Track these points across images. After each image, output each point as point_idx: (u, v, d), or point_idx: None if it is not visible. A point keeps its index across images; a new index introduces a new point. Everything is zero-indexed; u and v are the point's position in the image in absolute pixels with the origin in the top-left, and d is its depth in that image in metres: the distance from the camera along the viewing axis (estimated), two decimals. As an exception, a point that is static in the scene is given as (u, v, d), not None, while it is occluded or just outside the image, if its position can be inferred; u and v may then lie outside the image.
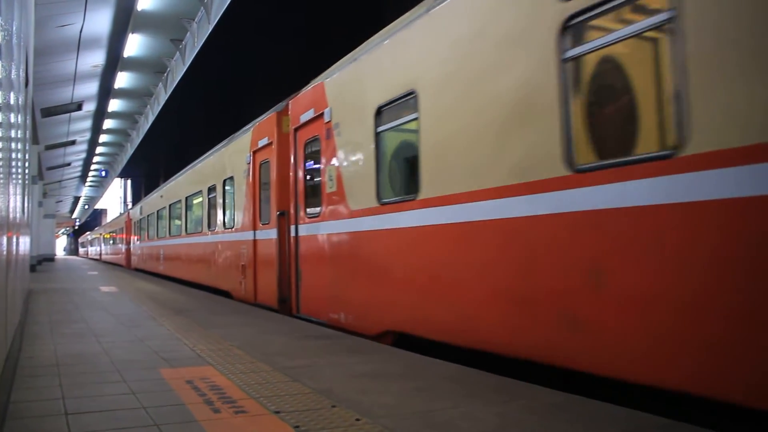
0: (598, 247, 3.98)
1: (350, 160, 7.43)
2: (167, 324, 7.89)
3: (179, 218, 19.12)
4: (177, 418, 3.53)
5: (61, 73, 21.24)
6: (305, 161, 8.94)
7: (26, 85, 7.84)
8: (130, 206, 58.25)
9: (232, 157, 12.81)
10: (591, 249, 4.03)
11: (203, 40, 20.70)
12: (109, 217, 74.52)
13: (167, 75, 26.77)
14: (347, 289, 7.38)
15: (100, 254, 55.58)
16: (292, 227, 9.18)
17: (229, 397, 4.01)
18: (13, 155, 5.15)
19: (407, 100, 6.22)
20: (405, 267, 6.23)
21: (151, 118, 32.15)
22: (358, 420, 3.46)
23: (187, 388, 4.30)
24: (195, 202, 16.98)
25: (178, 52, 23.99)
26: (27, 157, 8.60)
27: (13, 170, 5.16)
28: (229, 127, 15.11)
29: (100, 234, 57.40)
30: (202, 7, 20.14)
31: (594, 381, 4.06)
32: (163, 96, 28.35)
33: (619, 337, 3.81)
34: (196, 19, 21.04)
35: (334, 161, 7.72)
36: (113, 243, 43.62)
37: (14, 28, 4.79)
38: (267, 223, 10.32)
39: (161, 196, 22.22)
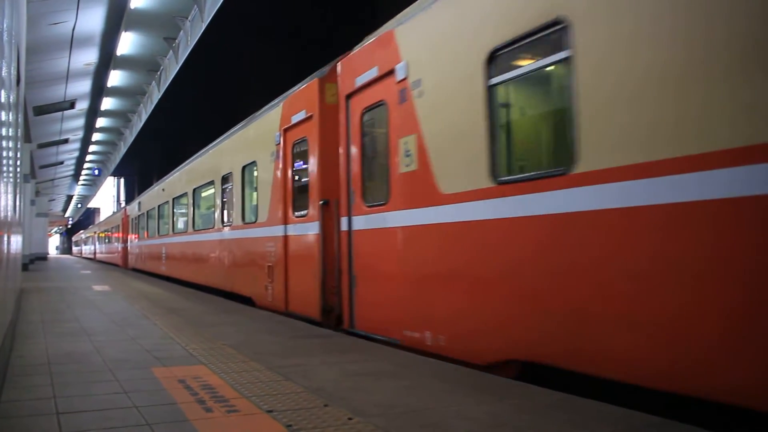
0: None
1: (440, 128, 5.59)
2: (160, 323, 7.87)
3: (185, 213, 17.45)
4: (169, 417, 3.52)
5: (53, 71, 21.18)
6: (362, 135, 7.15)
7: (18, 83, 7.80)
8: (123, 204, 57.98)
9: (255, 138, 11.05)
10: None
11: (196, 39, 20.67)
12: (103, 215, 74.05)
13: (160, 73, 26.71)
14: (438, 301, 5.55)
15: (95, 253, 53.73)
16: (343, 220, 7.42)
17: (221, 396, 4.00)
18: (5, 153, 5.12)
19: (547, 35, 4.48)
20: (546, 270, 4.41)
21: (145, 117, 32.09)
22: (350, 419, 3.46)
23: (179, 387, 4.28)
24: (205, 194, 15.19)
25: (171, 51, 23.95)
26: (19, 155, 8.57)
27: (5, 169, 5.13)
28: (223, 126, 15.06)
29: (95, 232, 55.40)
30: (195, 6, 20.11)
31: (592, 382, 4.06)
32: (156, 94, 28.29)
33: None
34: (189, 18, 21.01)
35: (412, 131, 5.91)
36: (108, 241, 41.68)
37: (5, 26, 4.76)
38: (304, 215, 8.56)
39: (163, 190, 20.51)
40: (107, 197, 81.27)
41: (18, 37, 7.58)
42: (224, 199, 12.97)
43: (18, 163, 8.24)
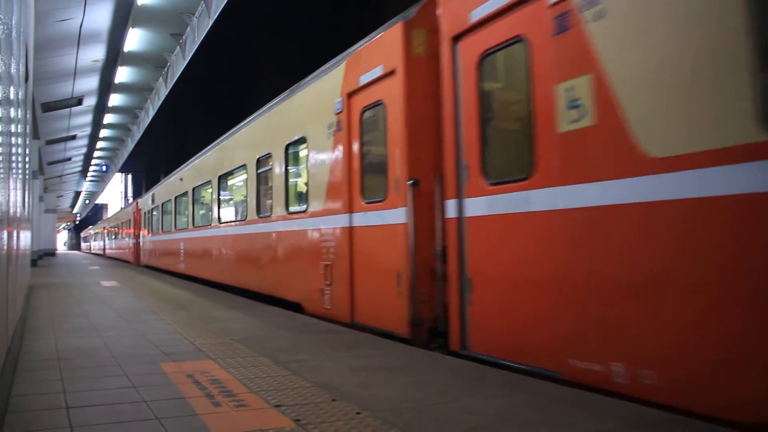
0: None
1: (647, 58, 3.76)
2: (168, 318, 7.90)
3: (208, 204, 15.45)
4: (178, 411, 3.54)
5: (61, 68, 21.25)
6: (479, 88, 5.38)
7: (26, 79, 7.83)
8: (131, 199, 57.81)
9: (303, 110, 9.15)
10: None
11: (203, 35, 20.71)
12: (111, 211, 73.98)
13: (167, 70, 26.76)
14: (639, 318, 3.72)
15: (104, 249, 51.48)
16: (449, 204, 5.64)
17: (229, 391, 4.02)
18: (14, 150, 5.15)
19: None
20: None
21: (152, 113, 32.15)
22: (358, 413, 3.46)
23: (187, 381, 4.30)
24: (234, 181, 13.32)
25: (178, 47, 23.98)
26: (27, 152, 8.60)
27: (14, 165, 5.16)
28: (231, 121, 15.05)
29: (104, 228, 52.96)
30: (202, 2, 20.14)
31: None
32: (163, 91, 28.35)
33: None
34: (196, 14, 21.04)
35: (583, 71, 4.17)
36: (119, 237, 39.11)
37: (14, 22, 4.78)
38: (379, 201, 6.78)
39: (180, 179, 18.51)
40: (115, 193, 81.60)
41: (26, 34, 7.61)
42: (260, 186, 11.17)
43: (27, 159, 8.28)
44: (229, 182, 13.70)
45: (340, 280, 7.59)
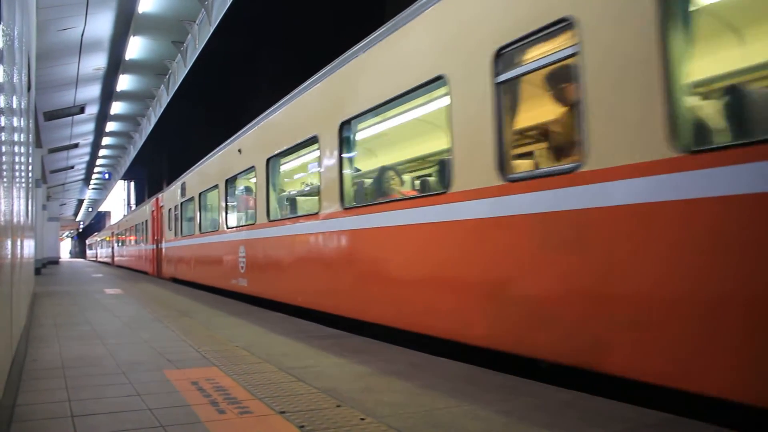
0: None
1: None
2: (172, 326, 7.91)
3: (301, 185, 11.20)
4: (182, 419, 3.54)
5: (63, 77, 21.36)
6: None
7: (29, 89, 7.86)
8: (133, 206, 57.23)
9: None
10: None
11: (204, 42, 20.77)
12: (113, 219, 73.45)
13: (169, 77, 26.86)
14: None
15: (112, 257, 45.45)
16: None
17: (233, 398, 4.02)
18: (17, 159, 5.17)
19: None
20: None
21: (154, 120, 32.26)
22: (362, 419, 3.47)
23: (192, 389, 4.31)
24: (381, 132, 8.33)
25: (179, 54, 24.06)
26: (30, 160, 8.63)
27: (17, 174, 5.18)
28: (231, 129, 15.06)
29: (112, 233, 45.98)
30: (203, 9, 20.21)
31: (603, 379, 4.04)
32: (165, 98, 28.44)
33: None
34: (197, 21, 21.13)
35: None
36: (131, 242, 32.51)
37: (16, 33, 4.80)
38: None
39: (239, 151, 12.28)
40: (117, 201, 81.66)
41: (28, 43, 7.65)
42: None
43: (30, 168, 8.31)
44: (365, 138, 8.37)
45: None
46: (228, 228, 13.10)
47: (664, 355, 3.52)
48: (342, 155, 7.64)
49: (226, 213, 13.37)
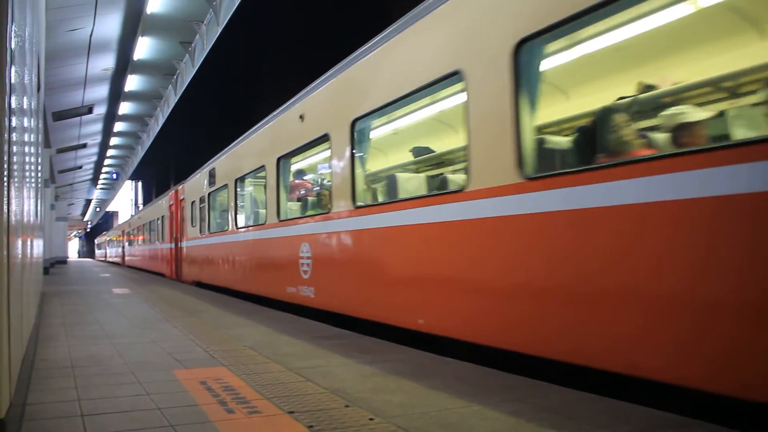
0: None
1: None
2: (180, 325, 7.94)
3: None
4: (191, 418, 3.56)
5: (71, 77, 21.46)
6: None
7: (38, 89, 7.90)
8: (140, 206, 56.87)
9: None
10: None
11: (212, 43, 20.83)
12: (121, 219, 73.33)
13: (177, 77, 26.95)
14: None
15: (123, 257, 42.28)
16: None
17: (242, 398, 4.04)
18: (27, 159, 5.20)
19: None
20: None
21: (162, 121, 32.37)
22: (371, 419, 3.47)
23: (200, 388, 4.32)
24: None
25: (187, 55, 24.14)
26: (39, 160, 8.67)
27: (27, 174, 5.21)
28: (239, 129, 15.08)
29: (123, 231, 42.64)
30: (211, 9, 20.27)
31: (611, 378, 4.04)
32: (173, 98, 28.54)
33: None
34: (205, 22, 21.19)
35: None
36: (145, 241, 29.74)
37: (27, 34, 4.83)
38: None
39: (301, 117, 9.34)
40: (125, 201, 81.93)
41: (38, 44, 7.69)
42: None
43: (39, 168, 8.35)
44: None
45: None
46: (281, 220, 10.08)
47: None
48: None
49: (278, 201, 10.28)
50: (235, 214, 13.23)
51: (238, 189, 13.07)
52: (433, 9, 6.00)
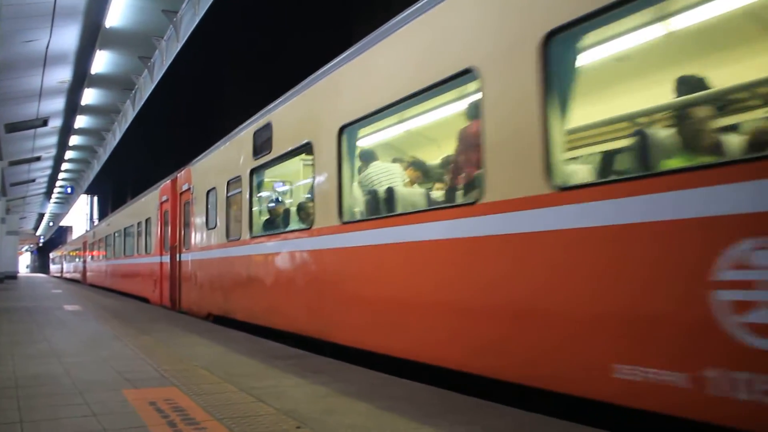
0: None
1: None
2: (131, 344, 7.79)
3: None
4: (139, 440, 3.50)
5: (26, 89, 21.07)
6: None
7: (-10, 101, 7.75)
8: (96, 221, 55.10)
9: None
10: None
11: (172, 58, 20.69)
12: (75, 234, 70.97)
13: (135, 92, 26.65)
14: None
15: (84, 272, 36.11)
16: None
17: (192, 419, 3.98)
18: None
19: None
20: None
21: (119, 135, 31.93)
22: (321, 440, 3.46)
23: (149, 409, 4.25)
24: None
25: (146, 70, 23.91)
26: (-11, 174, 8.48)
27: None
28: (197, 147, 14.94)
29: (85, 242, 36.23)
30: (171, 26, 20.15)
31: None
32: (131, 113, 28.21)
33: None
34: (165, 37, 21.05)
35: None
36: (119, 252, 23.09)
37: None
38: None
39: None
40: (80, 215, 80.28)
41: (-10, 56, 7.56)
42: None
43: (-12, 182, 8.16)
44: None
45: None
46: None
47: None
48: None
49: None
50: (329, 199, 6.84)
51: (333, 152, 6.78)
52: None
